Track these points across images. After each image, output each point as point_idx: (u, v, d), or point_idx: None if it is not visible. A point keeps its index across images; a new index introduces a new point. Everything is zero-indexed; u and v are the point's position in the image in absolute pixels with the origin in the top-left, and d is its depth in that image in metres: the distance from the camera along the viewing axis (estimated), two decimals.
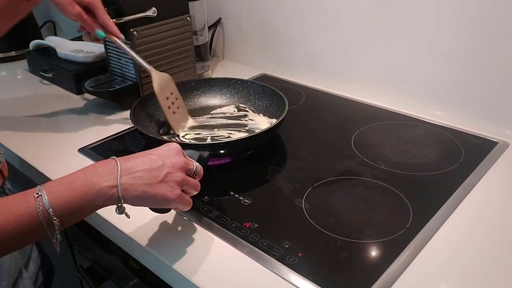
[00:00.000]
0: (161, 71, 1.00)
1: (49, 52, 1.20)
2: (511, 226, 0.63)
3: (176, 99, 0.88)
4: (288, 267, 0.56)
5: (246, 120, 0.91)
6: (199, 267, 0.57)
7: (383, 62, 0.97)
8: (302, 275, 0.55)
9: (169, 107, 0.85)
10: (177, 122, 0.85)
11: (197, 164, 0.58)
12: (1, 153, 0.70)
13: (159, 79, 0.85)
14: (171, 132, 0.87)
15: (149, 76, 0.98)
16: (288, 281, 0.54)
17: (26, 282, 0.69)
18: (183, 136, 0.86)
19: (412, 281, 0.54)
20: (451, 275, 0.55)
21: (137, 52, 0.95)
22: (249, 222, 0.64)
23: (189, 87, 0.97)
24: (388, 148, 0.82)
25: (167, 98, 0.85)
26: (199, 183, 0.58)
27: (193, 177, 0.57)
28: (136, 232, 0.63)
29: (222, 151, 0.76)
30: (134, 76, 0.99)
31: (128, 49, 0.84)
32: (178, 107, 0.87)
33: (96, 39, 0.95)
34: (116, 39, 0.83)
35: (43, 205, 0.47)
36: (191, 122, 0.90)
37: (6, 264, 0.65)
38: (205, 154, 0.63)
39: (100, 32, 0.81)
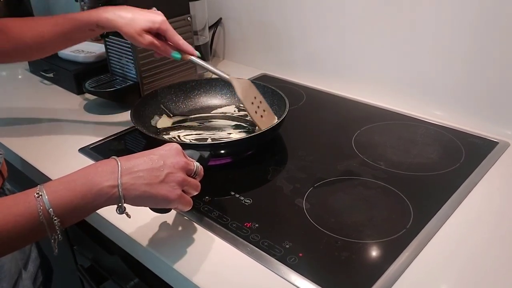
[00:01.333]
0: (161, 71, 1.00)
1: None
2: (511, 225, 0.63)
3: (260, 102, 0.85)
4: (289, 267, 0.56)
5: (246, 120, 0.91)
6: (199, 267, 0.57)
7: (383, 62, 0.97)
8: (302, 275, 0.55)
9: (255, 112, 0.83)
10: (265, 124, 0.82)
11: (198, 164, 0.58)
12: (1, 154, 0.70)
13: (241, 87, 0.83)
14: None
15: (149, 77, 0.99)
16: (288, 281, 0.54)
17: (25, 283, 0.69)
18: (183, 136, 0.86)
19: (413, 281, 0.54)
20: (452, 275, 0.55)
21: (138, 52, 0.95)
22: (250, 222, 0.64)
23: (190, 87, 0.97)
24: (389, 148, 0.82)
25: (252, 103, 0.83)
26: (199, 184, 0.58)
27: (194, 177, 0.57)
28: (137, 232, 0.63)
29: (222, 151, 0.76)
30: (134, 76, 0.99)
31: (206, 64, 0.82)
32: (264, 110, 0.85)
33: (98, 40, 0.95)
34: (192, 57, 0.81)
35: (44, 205, 0.47)
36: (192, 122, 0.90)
37: (6, 266, 0.65)
38: (206, 154, 0.63)
39: (175, 54, 0.80)
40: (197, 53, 0.82)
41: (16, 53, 0.81)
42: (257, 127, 0.83)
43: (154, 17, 0.78)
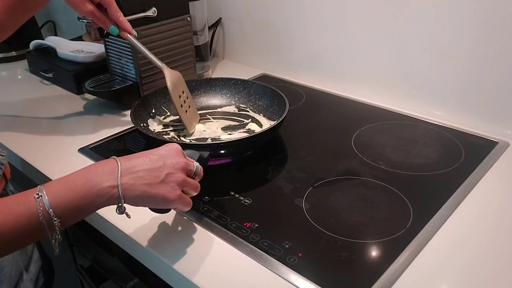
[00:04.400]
0: (161, 71, 1.00)
1: (49, 52, 1.20)
2: (511, 225, 0.63)
3: (187, 98, 0.87)
4: (289, 267, 0.56)
5: (246, 120, 0.91)
6: (199, 267, 0.57)
7: (383, 62, 0.97)
8: (302, 275, 0.55)
9: (181, 106, 0.85)
10: (190, 120, 0.85)
11: (197, 164, 0.58)
12: (3, 155, 0.70)
13: (171, 77, 0.85)
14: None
15: (149, 76, 0.99)
16: (288, 281, 0.54)
17: (26, 285, 0.69)
18: (183, 136, 0.86)
19: (413, 281, 0.54)
20: (452, 275, 0.55)
21: (138, 52, 0.95)
22: (250, 222, 0.64)
23: (190, 87, 0.96)
24: (389, 148, 0.82)
25: (180, 96, 0.85)
26: (199, 184, 0.58)
27: (193, 178, 0.57)
28: (137, 232, 0.63)
29: (222, 151, 0.76)
30: (134, 76, 0.99)
31: (140, 45, 0.84)
32: (189, 106, 0.87)
33: (98, 39, 0.95)
34: (129, 35, 0.82)
35: (44, 206, 0.47)
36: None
37: (6, 268, 0.65)
38: (205, 154, 0.63)
39: (113, 28, 0.81)
40: (134, 32, 0.83)
41: None
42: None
43: None
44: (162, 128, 0.89)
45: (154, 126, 0.89)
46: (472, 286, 0.54)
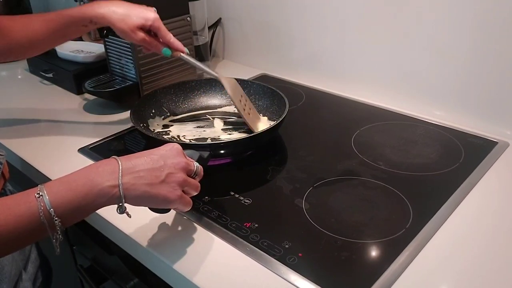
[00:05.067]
0: (161, 71, 1.00)
1: (49, 52, 1.19)
2: (511, 225, 0.63)
3: (246, 101, 0.87)
4: (288, 267, 0.56)
5: None
6: (199, 267, 0.57)
7: (383, 62, 0.97)
8: (302, 275, 0.55)
9: (244, 109, 0.85)
10: (253, 122, 0.85)
11: (198, 164, 0.58)
12: (2, 155, 0.70)
13: (230, 85, 0.85)
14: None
15: (149, 77, 0.99)
16: (288, 281, 0.54)
17: (26, 284, 0.69)
18: (183, 136, 0.86)
19: (412, 281, 0.54)
20: (451, 274, 0.55)
21: (137, 52, 0.95)
22: (249, 222, 0.64)
23: (190, 87, 0.97)
24: (388, 148, 0.82)
25: (240, 101, 0.85)
26: (199, 184, 0.58)
27: (194, 178, 0.58)
28: (137, 232, 0.63)
29: (222, 151, 0.76)
30: (134, 76, 0.99)
31: (194, 61, 0.84)
32: (250, 108, 0.87)
33: (98, 40, 0.95)
34: (182, 54, 0.83)
35: (45, 205, 0.47)
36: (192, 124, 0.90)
37: (6, 268, 0.65)
38: (205, 154, 0.63)
39: (166, 50, 0.82)
40: (186, 50, 0.84)
41: (10, 52, 0.81)
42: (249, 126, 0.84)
43: (147, 14, 0.79)
44: (162, 128, 0.89)
45: (154, 126, 0.89)
46: (472, 286, 0.54)
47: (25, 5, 1.44)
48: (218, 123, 0.90)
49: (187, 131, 0.88)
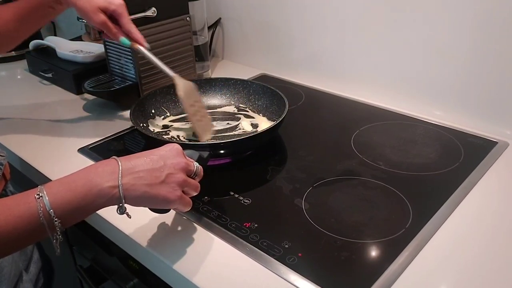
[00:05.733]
0: (161, 71, 1.00)
1: (48, 52, 1.20)
2: (510, 225, 0.63)
3: (201, 108, 0.86)
4: (288, 267, 0.56)
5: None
6: (199, 267, 0.57)
7: (383, 62, 0.97)
8: (302, 275, 0.55)
9: (193, 114, 0.83)
10: (202, 129, 0.83)
11: (197, 165, 0.58)
12: (3, 156, 0.70)
13: (183, 87, 0.83)
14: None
15: (148, 77, 0.99)
16: (288, 281, 0.54)
17: (26, 285, 0.69)
18: (182, 136, 0.86)
19: (412, 280, 0.54)
20: (451, 274, 0.55)
21: (137, 52, 0.95)
22: (249, 222, 0.64)
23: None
24: (388, 148, 0.82)
25: (191, 105, 0.84)
26: (199, 184, 0.58)
27: (193, 178, 0.58)
28: (136, 233, 0.63)
29: (222, 151, 0.76)
30: (133, 76, 0.99)
31: (152, 57, 0.83)
32: (203, 116, 0.85)
33: (97, 39, 0.94)
34: (140, 47, 0.81)
35: (44, 206, 0.47)
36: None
37: (6, 269, 0.65)
38: (205, 154, 0.63)
39: (124, 40, 0.80)
40: (147, 44, 0.82)
41: None
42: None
43: None
44: (162, 128, 0.89)
45: (154, 126, 0.89)
46: (472, 285, 0.54)
47: None
48: (246, 125, 0.90)
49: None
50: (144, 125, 0.87)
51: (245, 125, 0.88)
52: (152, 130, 0.87)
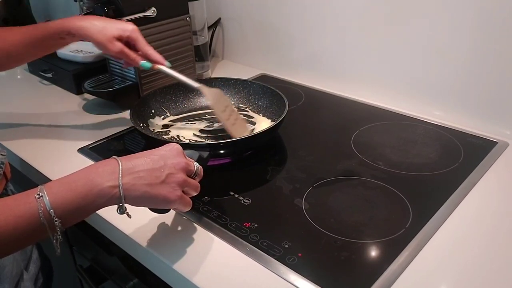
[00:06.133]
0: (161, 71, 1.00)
1: None
2: (510, 225, 0.63)
3: (232, 111, 0.85)
4: (288, 267, 0.56)
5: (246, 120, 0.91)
6: (199, 267, 0.57)
7: (383, 62, 0.97)
8: (302, 275, 0.55)
9: (227, 119, 0.83)
10: (238, 132, 0.82)
11: (198, 165, 0.58)
12: (3, 155, 0.70)
13: (211, 94, 0.84)
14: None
15: (148, 77, 0.99)
16: (288, 281, 0.54)
17: (27, 284, 0.69)
18: (182, 136, 0.86)
19: (412, 281, 0.54)
20: (451, 274, 0.55)
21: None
22: (249, 222, 0.64)
23: (189, 87, 0.97)
24: (388, 148, 0.82)
25: (223, 111, 0.83)
26: (199, 185, 0.58)
27: (193, 178, 0.58)
28: (136, 233, 0.63)
29: (222, 151, 0.76)
30: (133, 76, 0.99)
31: (174, 73, 0.82)
32: (236, 119, 0.84)
33: None
34: (161, 67, 0.81)
35: (45, 206, 0.47)
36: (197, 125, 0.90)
37: (8, 268, 0.65)
38: (205, 154, 0.63)
39: (145, 64, 0.80)
40: (167, 63, 0.82)
41: None
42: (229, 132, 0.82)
43: (125, 26, 0.78)
44: (162, 128, 0.89)
45: (154, 126, 0.89)
46: (472, 286, 0.54)
47: (25, 4, 1.43)
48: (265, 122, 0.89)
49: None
50: (144, 125, 0.87)
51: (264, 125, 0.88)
52: (152, 130, 0.87)
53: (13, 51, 0.78)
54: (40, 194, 0.48)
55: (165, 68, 0.81)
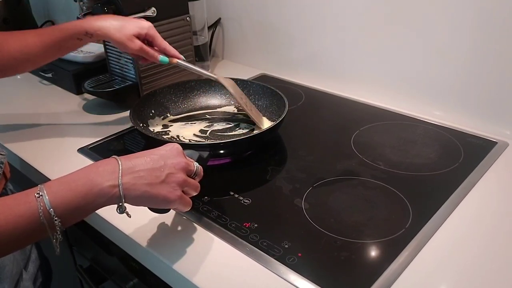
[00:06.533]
0: (161, 71, 1.00)
1: None
2: (510, 225, 0.63)
3: (246, 99, 0.89)
4: (288, 267, 0.56)
5: (246, 120, 0.91)
6: (198, 267, 0.57)
7: (383, 62, 0.97)
8: (302, 275, 0.55)
9: (246, 105, 0.86)
10: (257, 117, 0.87)
11: (198, 165, 0.58)
12: (3, 154, 0.70)
13: (231, 85, 0.87)
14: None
15: (148, 77, 0.99)
16: (288, 281, 0.54)
17: (26, 284, 0.69)
18: (182, 136, 0.86)
19: (412, 281, 0.54)
20: (451, 274, 0.55)
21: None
22: (249, 222, 0.64)
23: (189, 87, 0.97)
24: (388, 148, 0.82)
25: (241, 98, 0.87)
26: (199, 185, 0.58)
27: (193, 178, 0.58)
28: (136, 233, 0.63)
29: (222, 151, 0.76)
30: (133, 76, 0.99)
31: (191, 66, 0.85)
32: (251, 107, 0.88)
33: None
34: (178, 60, 0.84)
35: (44, 205, 0.47)
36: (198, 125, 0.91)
37: (8, 267, 0.65)
38: (205, 154, 0.63)
39: (163, 58, 0.82)
40: (182, 57, 0.85)
41: (4, 68, 0.80)
42: (255, 125, 0.85)
43: (142, 23, 0.80)
44: (162, 128, 0.89)
45: (154, 126, 0.89)
46: (471, 286, 0.54)
47: (25, 4, 1.43)
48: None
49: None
50: (144, 125, 0.87)
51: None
52: (152, 130, 0.87)
53: (32, 54, 0.79)
54: (40, 193, 0.48)
55: (182, 61, 0.84)
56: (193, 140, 0.85)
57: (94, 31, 0.77)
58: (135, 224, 0.64)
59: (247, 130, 0.87)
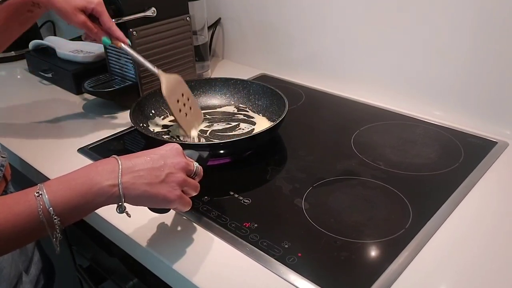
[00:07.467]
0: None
1: (48, 52, 1.20)
2: (510, 225, 0.63)
3: (188, 99, 0.86)
4: (288, 267, 0.56)
5: (246, 120, 0.91)
6: (199, 267, 0.57)
7: (383, 62, 0.97)
8: (301, 275, 0.55)
9: (180, 110, 0.83)
10: (189, 124, 0.84)
11: (197, 165, 0.58)
12: (4, 157, 0.70)
13: (167, 82, 0.84)
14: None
15: (148, 76, 0.99)
16: (287, 281, 0.54)
17: (26, 287, 0.69)
18: (182, 136, 0.86)
19: (412, 281, 0.54)
20: (451, 274, 0.55)
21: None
22: (249, 222, 0.64)
23: (189, 87, 0.96)
24: (388, 148, 0.82)
25: (178, 100, 0.84)
26: (199, 184, 0.58)
27: (193, 178, 0.57)
28: (136, 232, 0.63)
29: (222, 151, 0.76)
30: (133, 76, 0.99)
31: (134, 53, 0.83)
32: (190, 108, 0.85)
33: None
34: (122, 44, 0.82)
35: (44, 204, 0.47)
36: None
37: (5, 270, 0.64)
38: (205, 154, 0.63)
39: (105, 39, 0.80)
40: (128, 41, 0.82)
41: None
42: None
43: None
44: (162, 128, 0.89)
45: (154, 126, 0.89)
46: (472, 286, 0.54)
47: None
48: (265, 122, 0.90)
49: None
50: (144, 125, 0.87)
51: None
52: (152, 130, 0.87)
53: None
54: (40, 192, 0.47)
55: (126, 46, 0.82)
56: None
57: (41, 1, 0.75)
58: (135, 224, 0.64)
59: (247, 130, 0.87)
